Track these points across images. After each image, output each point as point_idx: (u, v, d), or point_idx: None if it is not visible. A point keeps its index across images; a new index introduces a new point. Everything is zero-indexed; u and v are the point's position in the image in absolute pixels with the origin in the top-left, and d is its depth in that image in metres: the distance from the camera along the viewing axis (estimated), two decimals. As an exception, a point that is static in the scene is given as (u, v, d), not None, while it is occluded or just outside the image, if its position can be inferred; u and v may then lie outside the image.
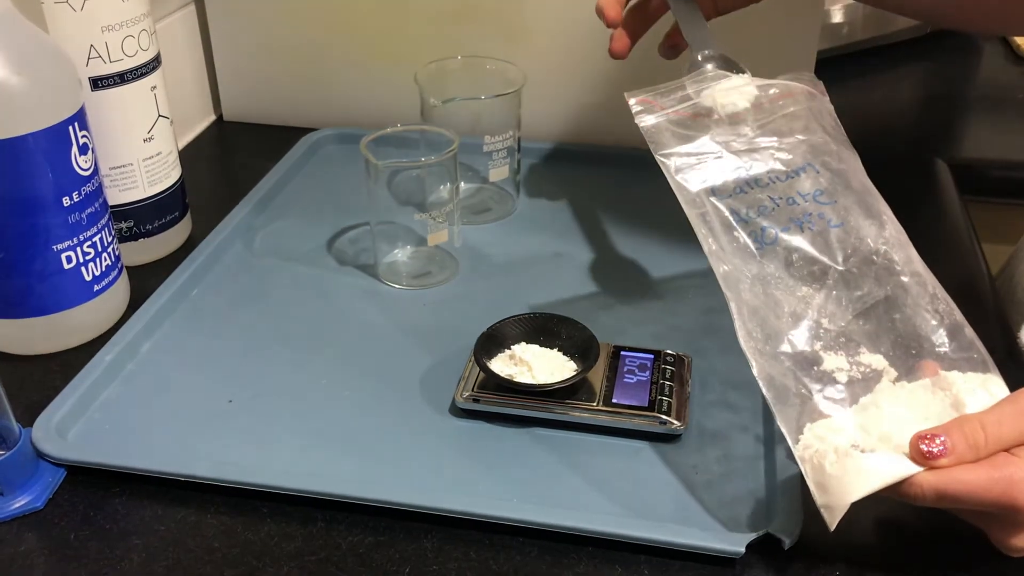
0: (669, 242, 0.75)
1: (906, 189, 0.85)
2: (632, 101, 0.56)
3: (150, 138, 0.70)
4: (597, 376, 0.58)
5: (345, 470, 0.54)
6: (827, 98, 0.57)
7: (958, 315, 0.50)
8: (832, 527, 0.45)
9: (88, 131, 0.61)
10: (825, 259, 0.51)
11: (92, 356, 0.61)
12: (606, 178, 0.85)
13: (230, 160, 0.95)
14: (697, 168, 0.53)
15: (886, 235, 0.52)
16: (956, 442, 0.44)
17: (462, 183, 0.76)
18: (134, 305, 0.66)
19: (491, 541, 0.50)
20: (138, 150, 0.70)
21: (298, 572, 0.48)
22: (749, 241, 0.51)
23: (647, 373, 0.58)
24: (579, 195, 0.82)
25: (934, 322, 0.50)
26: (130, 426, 0.57)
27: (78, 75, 0.61)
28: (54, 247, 0.60)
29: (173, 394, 0.60)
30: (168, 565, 0.49)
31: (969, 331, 0.50)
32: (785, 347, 0.49)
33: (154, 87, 0.70)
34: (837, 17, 1.06)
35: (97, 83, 0.66)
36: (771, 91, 0.56)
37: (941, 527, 0.51)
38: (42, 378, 0.61)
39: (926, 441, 0.45)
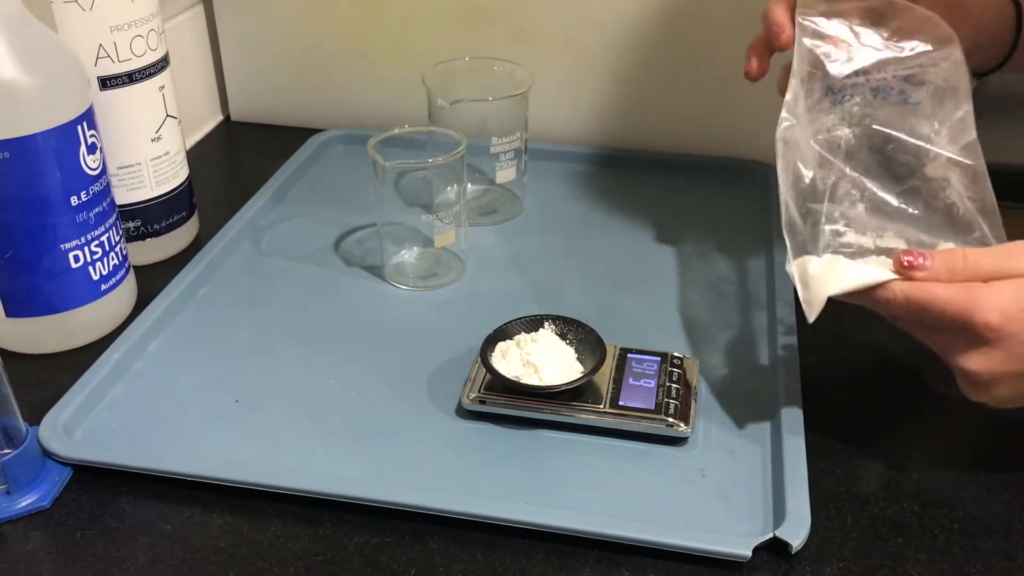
0: (677, 244, 0.75)
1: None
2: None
3: (158, 138, 0.70)
4: (604, 378, 0.58)
5: (351, 471, 0.54)
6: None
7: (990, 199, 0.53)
8: (811, 320, 0.50)
9: (96, 131, 0.61)
10: (888, 130, 0.54)
11: (99, 355, 0.61)
12: (613, 180, 0.85)
13: (237, 160, 0.95)
14: (822, 44, 0.57)
15: (958, 116, 0.54)
16: (936, 261, 0.48)
17: (469, 184, 0.76)
18: (141, 304, 0.67)
19: (497, 543, 0.50)
20: (146, 150, 0.70)
21: (304, 572, 0.48)
22: (826, 99, 0.55)
23: (654, 376, 0.58)
24: (586, 197, 0.82)
25: (966, 208, 0.53)
26: (137, 425, 0.57)
27: (87, 75, 0.61)
28: (62, 246, 0.60)
29: (180, 393, 0.60)
30: (174, 564, 0.49)
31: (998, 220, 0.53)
32: (818, 204, 0.52)
33: (162, 87, 0.70)
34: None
35: (106, 83, 0.66)
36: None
37: (949, 530, 0.51)
38: (49, 377, 0.61)
39: (909, 256, 0.48)
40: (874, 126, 0.55)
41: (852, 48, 0.56)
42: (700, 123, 0.87)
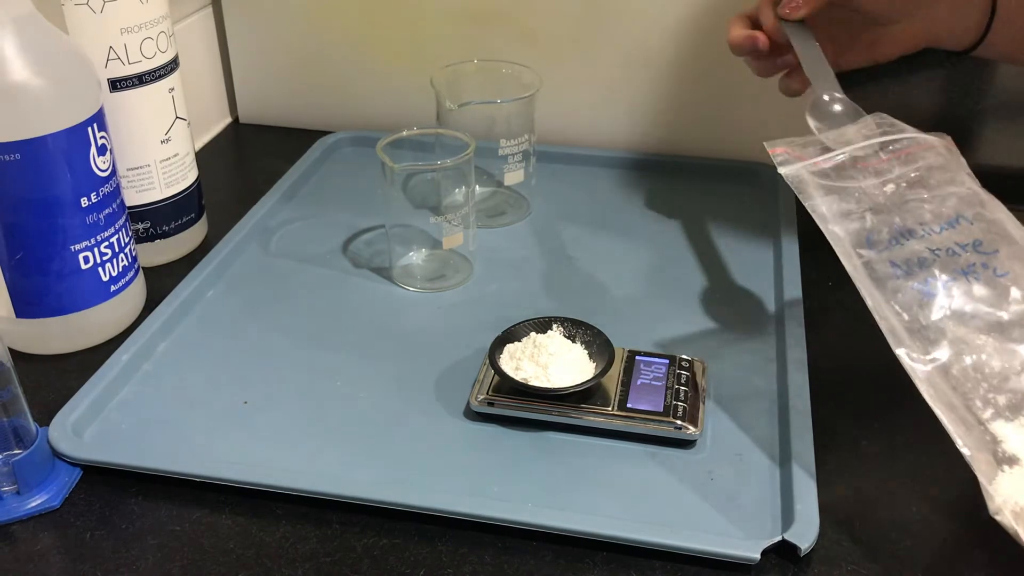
0: (684, 246, 0.75)
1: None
2: (773, 151, 0.56)
3: (167, 139, 0.71)
4: (612, 381, 0.58)
5: (360, 472, 0.54)
6: (959, 155, 0.56)
7: None
8: None
9: (106, 132, 0.62)
10: (998, 310, 0.49)
11: (108, 356, 0.61)
12: (621, 182, 0.85)
13: (246, 162, 0.95)
14: (849, 219, 0.53)
15: None
16: None
17: (477, 187, 0.76)
18: (150, 306, 0.67)
19: (505, 545, 0.50)
20: (155, 151, 0.70)
21: (313, 573, 0.48)
22: (916, 290, 0.50)
23: (662, 378, 0.58)
24: (594, 199, 0.82)
25: None
26: (146, 426, 0.57)
27: (97, 76, 0.62)
28: (72, 247, 0.61)
29: (189, 395, 0.60)
30: (183, 565, 0.49)
31: None
32: (964, 396, 0.48)
33: (172, 89, 0.70)
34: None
35: (116, 84, 0.66)
36: (903, 142, 0.56)
37: (959, 534, 0.51)
38: (59, 378, 0.61)
39: None
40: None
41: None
42: (707, 125, 0.87)
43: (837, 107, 0.61)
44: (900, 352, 0.48)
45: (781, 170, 0.55)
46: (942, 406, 0.47)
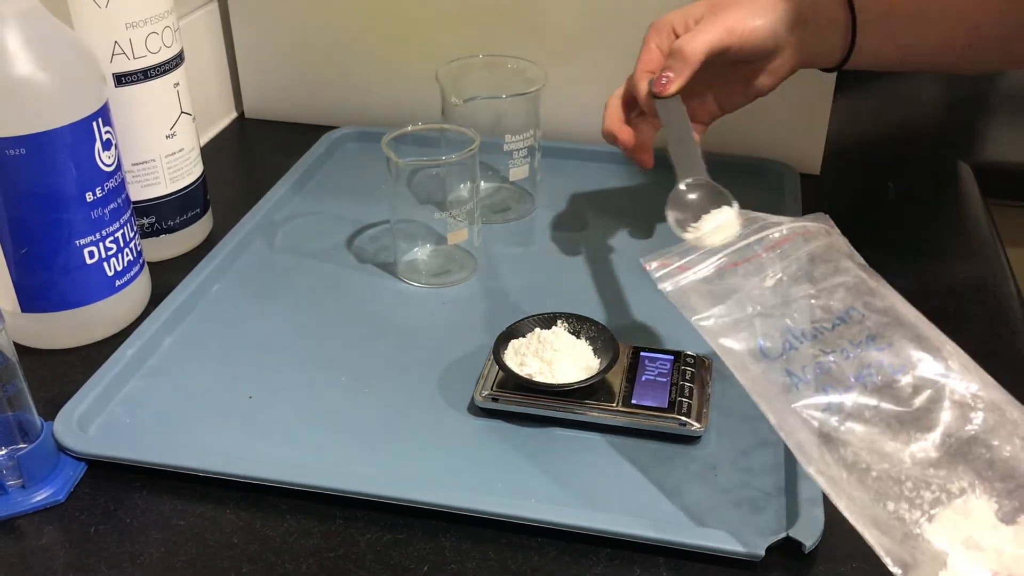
0: (689, 243, 0.75)
1: (928, 192, 0.84)
2: (650, 268, 0.54)
3: (172, 134, 0.71)
4: (616, 377, 0.58)
5: (364, 467, 0.54)
6: (839, 234, 0.54)
7: None
8: None
9: (111, 127, 0.62)
10: (900, 409, 0.47)
11: (114, 351, 0.61)
12: (626, 178, 0.84)
13: (251, 157, 0.95)
14: (737, 330, 0.50)
15: (953, 367, 0.48)
16: None
17: (482, 182, 0.76)
18: (155, 300, 0.67)
19: (509, 540, 0.50)
20: (160, 146, 0.70)
21: (316, 569, 0.48)
22: (814, 402, 0.48)
23: (667, 374, 0.58)
24: (599, 195, 0.82)
25: None
26: (151, 421, 0.58)
27: (102, 71, 0.62)
28: (77, 242, 0.61)
29: (193, 389, 0.60)
30: (187, 560, 0.49)
31: None
32: (887, 505, 0.46)
33: (177, 84, 0.70)
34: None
35: (121, 79, 0.66)
36: (782, 231, 0.54)
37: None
38: (64, 372, 0.61)
39: None
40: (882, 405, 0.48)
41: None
42: (713, 122, 0.87)
43: (693, 196, 0.60)
44: (811, 471, 0.46)
45: (661, 286, 0.53)
46: (865, 521, 0.45)
